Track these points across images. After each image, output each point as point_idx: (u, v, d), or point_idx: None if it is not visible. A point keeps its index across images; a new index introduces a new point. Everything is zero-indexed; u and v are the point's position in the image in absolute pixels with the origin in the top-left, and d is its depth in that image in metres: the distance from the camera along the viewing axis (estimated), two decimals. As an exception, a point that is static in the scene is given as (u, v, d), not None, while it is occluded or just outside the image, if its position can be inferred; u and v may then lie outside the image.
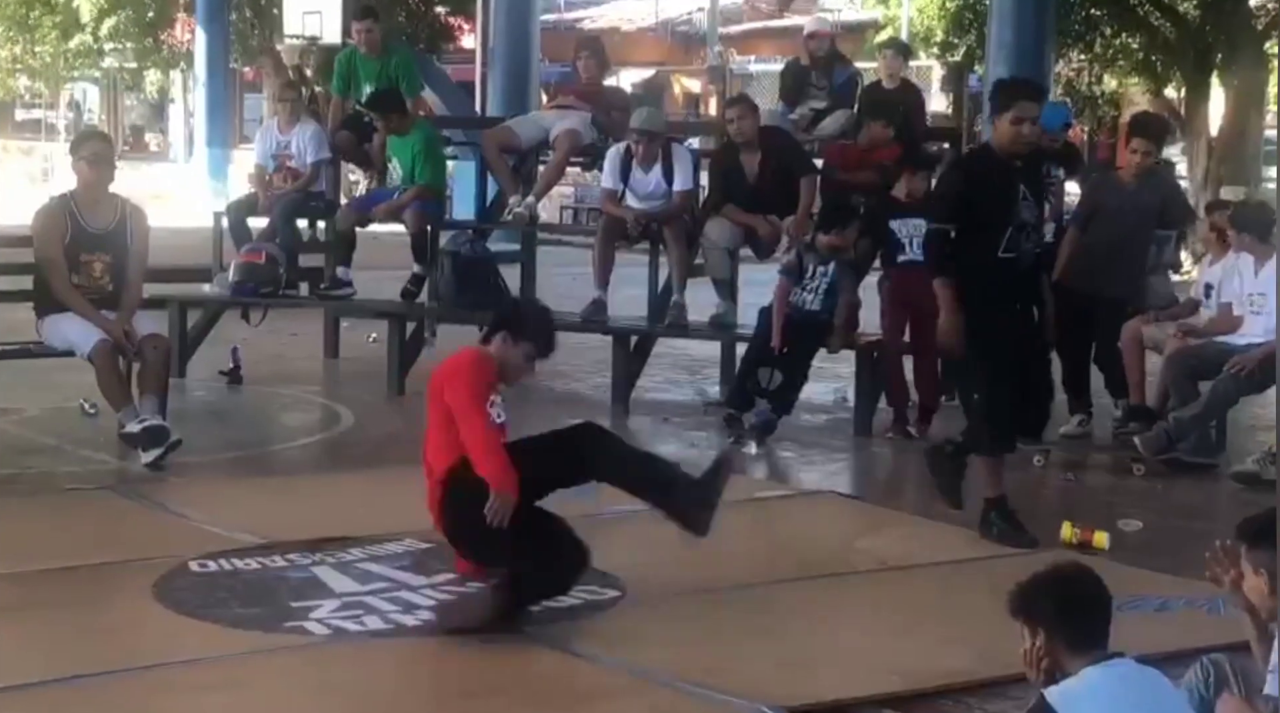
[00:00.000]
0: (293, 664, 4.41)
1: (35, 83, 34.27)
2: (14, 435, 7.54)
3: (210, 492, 6.50)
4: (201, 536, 5.65)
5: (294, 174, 9.77)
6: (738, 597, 5.15)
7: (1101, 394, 8.16)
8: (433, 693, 4.27)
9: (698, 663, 4.40)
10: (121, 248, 7.03)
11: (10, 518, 5.95)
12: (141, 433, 6.73)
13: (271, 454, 7.57)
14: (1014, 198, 5.80)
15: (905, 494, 7.37)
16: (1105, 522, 6.12)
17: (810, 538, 6.13)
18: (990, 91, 6.40)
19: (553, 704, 4.17)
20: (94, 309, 6.91)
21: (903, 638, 4.76)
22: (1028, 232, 5.87)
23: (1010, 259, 5.83)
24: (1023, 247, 5.84)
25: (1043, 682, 3.14)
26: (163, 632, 4.66)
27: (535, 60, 20.25)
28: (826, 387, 9.07)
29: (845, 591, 5.35)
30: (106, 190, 7.04)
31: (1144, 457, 7.28)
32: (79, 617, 4.79)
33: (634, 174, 8.70)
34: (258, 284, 9.36)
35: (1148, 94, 21.96)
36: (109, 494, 6.38)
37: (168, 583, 5.05)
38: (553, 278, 11.20)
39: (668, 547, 5.09)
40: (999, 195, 5.79)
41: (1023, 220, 5.84)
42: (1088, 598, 3.22)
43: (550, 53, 22.96)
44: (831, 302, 7.86)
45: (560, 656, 4.47)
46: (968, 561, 5.68)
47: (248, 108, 32.71)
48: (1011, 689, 4.10)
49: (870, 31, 25.56)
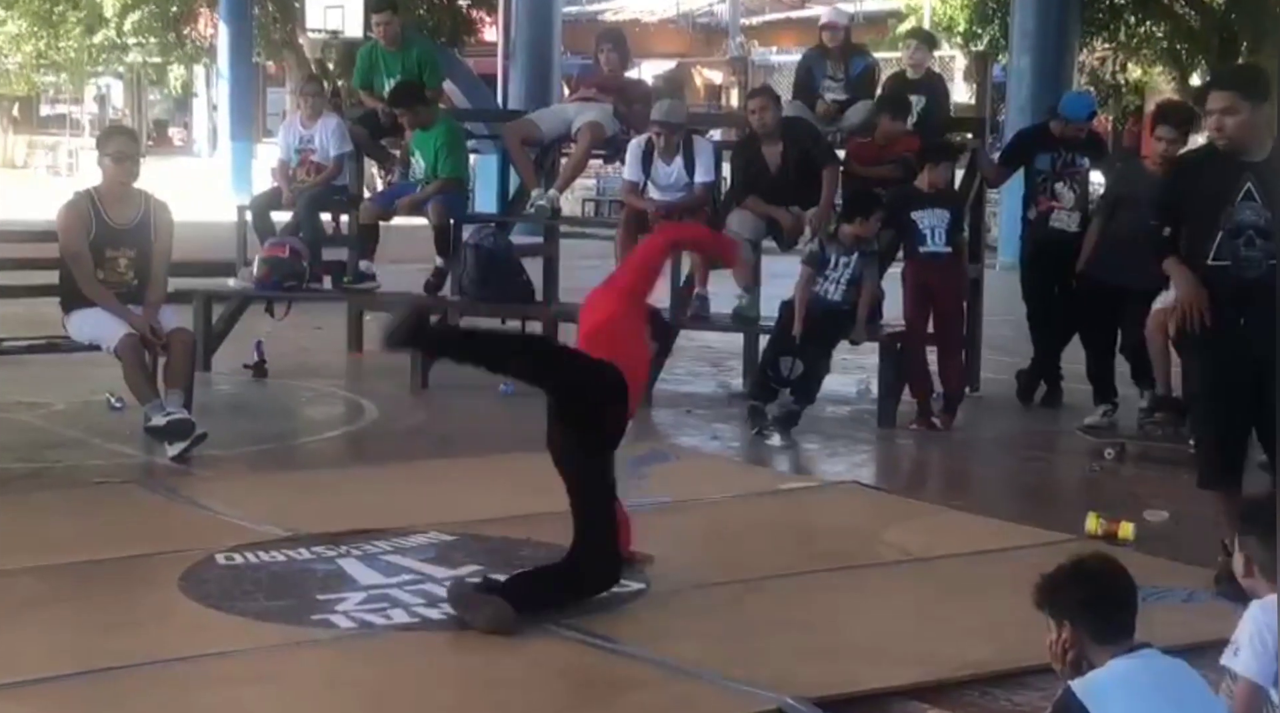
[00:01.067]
0: (319, 657, 4.42)
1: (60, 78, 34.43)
2: (41, 429, 7.58)
3: (235, 485, 6.53)
4: (227, 529, 5.68)
5: (317, 168, 9.80)
6: (762, 588, 5.15)
7: (1127, 384, 8.13)
8: (459, 685, 4.28)
9: (722, 654, 4.40)
10: (145, 243, 7.06)
11: (37, 512, 5.99)
12: (167, 427, 6.77)
13: (296, 448, 7.60)
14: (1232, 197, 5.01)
15: (929, 485, 7.36)
16: (1131, 513, 6.10)
17: (834, 529, 6.12)
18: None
19: (577, 696, 4.17)
20: (120, 303, 6.95)
21: (927, 629, 4.75)
22: (1251, 237, 5.04)
23: (1221, 267, 5.06)
24: (1242, 254, 5.03)
25: (1069, 673, 3.13)
26: (189, 625, 4.68)
27: (557, 53, 20.28)
28: (850, 378, 9.06)
29: (869, 582, 5.34)
30: (131, 186, 7.07)
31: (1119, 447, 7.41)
32: (106, 610, 4.81)
33: (655, 166, 8.70)
34: (281, 278, 9.39)
35: (1172, 82, 21.85)
36: (135, 488, 6.40)
37: (194, 576, 5.07)
38: (575, 270, 11.20)
39: (692, 538, 5.10)
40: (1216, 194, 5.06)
41: (1237, 223, 5.02)
42: (1113, 589, 3.21)
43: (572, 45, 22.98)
44: (854, 293, 7.86)
45: (585, 647, 4.48)
46: (992, 552, 5.66)
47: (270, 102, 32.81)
48: (1037, 680, 4.10)
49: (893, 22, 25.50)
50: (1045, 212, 8.58)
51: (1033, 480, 7.29)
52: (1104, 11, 19.80)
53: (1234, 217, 5.05)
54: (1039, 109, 14.47)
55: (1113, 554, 3.63)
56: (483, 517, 5.83)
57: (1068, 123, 8.66)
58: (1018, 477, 7.35)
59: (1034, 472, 7.46)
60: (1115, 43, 21.00)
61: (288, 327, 9.91)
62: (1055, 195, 8.59)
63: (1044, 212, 8.59)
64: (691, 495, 6.32)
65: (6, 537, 5.53)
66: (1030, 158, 8.74)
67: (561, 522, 4.79)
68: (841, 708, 4.05)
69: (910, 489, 6.99)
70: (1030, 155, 8.76)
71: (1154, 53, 21.20)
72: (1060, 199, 8.57)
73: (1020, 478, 7.32)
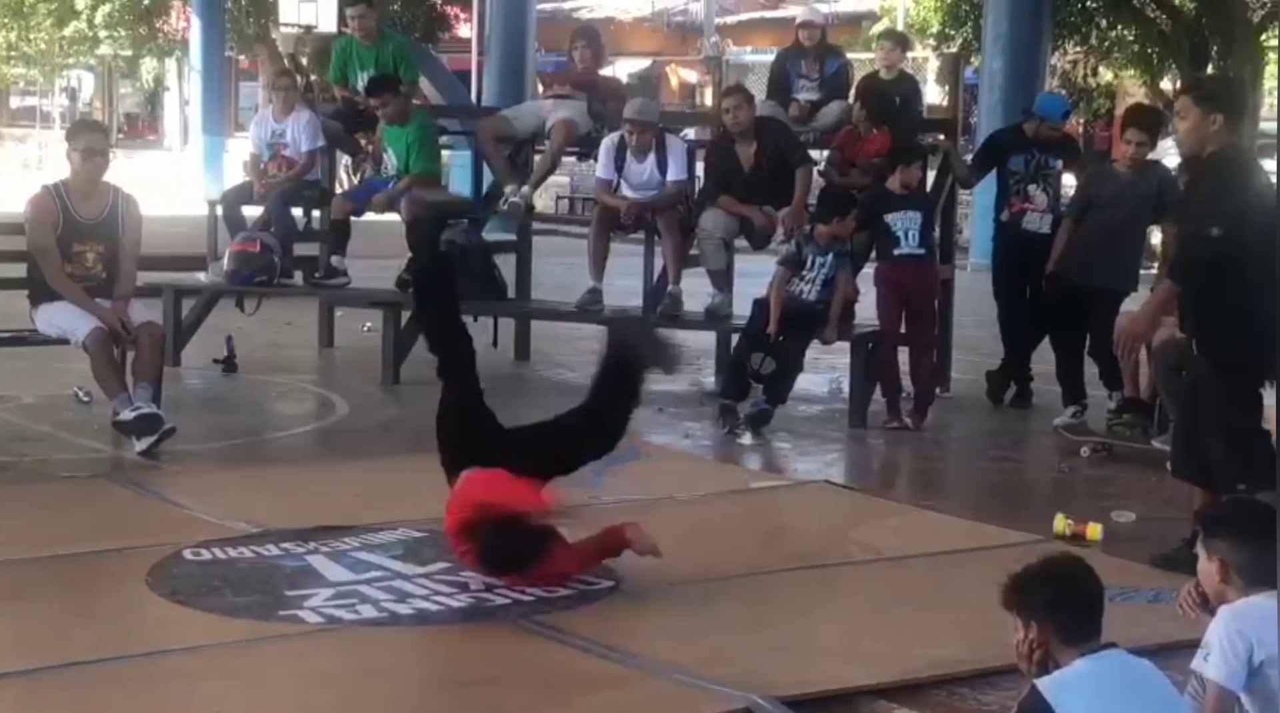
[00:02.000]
0: (287, 653, 4.41)
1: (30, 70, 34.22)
2: (8, 423, 7.54)
3: (204, 480, 6.50)
4: (196, 524, 5.65)
5: (289, 163, 9.76)
6: (733, 587, 5.16)
7: (1095, 385, 8.17)
8: (427, 682, 4.28)
9: (691, 653, 4.40)
10: (113, 237, 7.02)
11: (4, 506, 5.94)
12: (135, 421, 6.73)
13: (266, 443, 7.57)
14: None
15: (899, 485, 7.39)
16: (1098, 514, 6.13)
17: (805, 528, 6.14)
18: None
19: (548, 694, 4.17)
20: (88, 297, 6.91)
21: (897, 628, 4.77)
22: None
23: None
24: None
25: (1035, 673, 3.15)
26: (157, 620, 4.67)
27: (531, 49, 20.25)
28: (821, 377, 9.08)
29: (839, 581, 5.36)
30: (99, 181, 7.03)
31: (1105, 446, 7.46)
32: (73, 605, 4.79)
33: (628, 164, 8.70)
34: (252, 272, 9.35)
35: (1143, 86, 21.98)
36: (103, 482, 6.37)
37: (162, 571, 5.05)
38: (548, 268, 11.19)
39: (663, 536, 5.09)
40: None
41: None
42: (1080, 590, 3.23)
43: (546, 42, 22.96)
44: (828, 292, 7.87)
45: (555, 645, 4.48)
46: (960, 551, 5.69)
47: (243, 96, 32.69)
48: (1004, 679, 4.11)
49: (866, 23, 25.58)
50: (1018, 213, 8.62)
51: (1001, 481, 7.31)
52: (1076, 15, 19.90)
53: None
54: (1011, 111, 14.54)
55: (1080, 555, 3.66)
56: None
57: (1042, 122, 8.69)
58: (987, 477, 7.38)
59: (1003, 472, 7.49)
60: (1087, 46, 21.12)
61: (258, 322, 9.87)
62: (1028, 197, 8.63)
63: (1016, 213, 8.62)
64: (662, 494, 6.32)
65: (-28, 531, 5.50)
66: (1004, 159, 8.77)
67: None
68: (810, 707, 4.06)
69: (880, 489, 7.01)
70: (1004, 156, 8.79)
71: (1125, 56, 21.32)
72: (1033, 200, 8.61)
73: (989, 478, 7.35)
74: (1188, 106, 5.32)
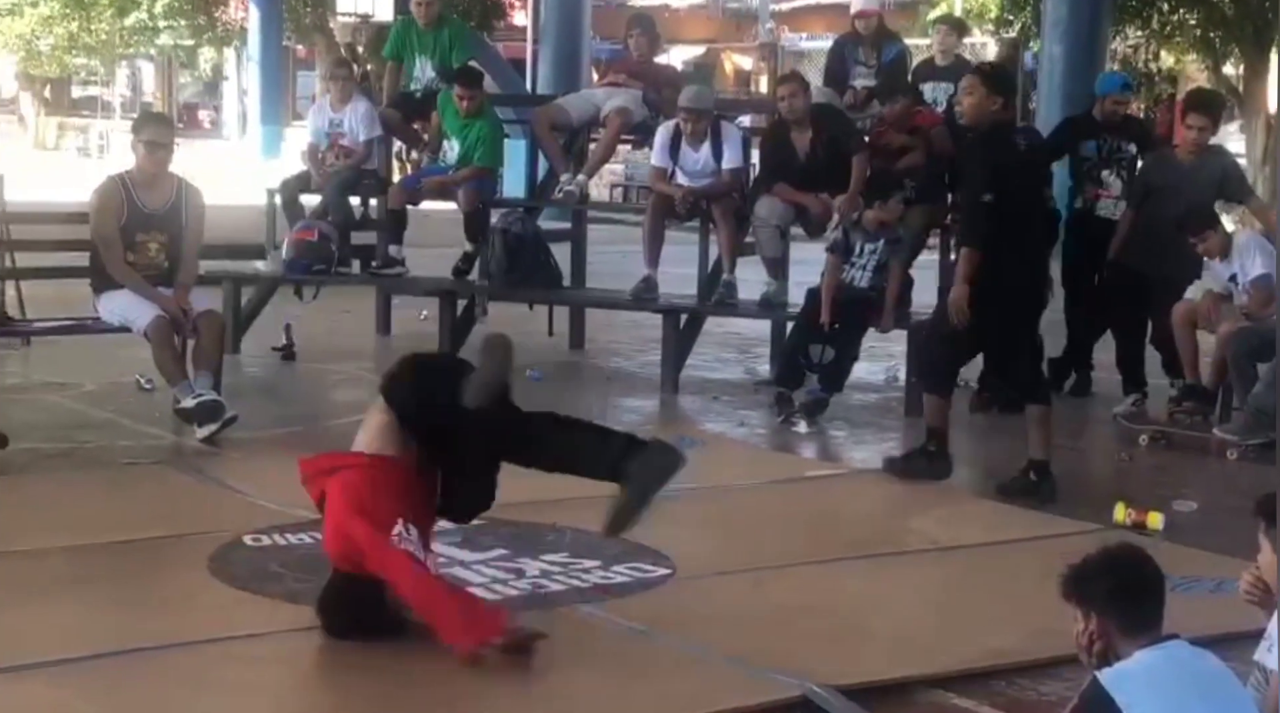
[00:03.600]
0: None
1: (91, 60, 34.59)
2: (71, 410, 7.63)
3: (263, 466, 6.54)
4: (255, 510, 5.70)
5: (346, 152, 9.81)
6: (788, 575, 5.15)
7: (1157, 374, 8.09)
8: (485, 667, 4.29)
9: (748, 641, 4.40)
10: (176, 227, 7.08)
11: (67, 492, 6.03)
12: (197, 409, 6.80)
13: (324, 430, 7.61)
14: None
15: (957, 474, 7.34)
16: (1159, 502, 6.08)
17: (860, 517, 6.12)
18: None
19: (604, 680, 4.18)
20: (149, 286, 6.98)
21: (954, 618, 4.75)
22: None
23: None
24: None
25: (1096, 664, 3.12)
26: (218, 605, 4.71)
27: (586, 38, 20.25)
28: (878, 366, 9.04)
29: (895, 570, 5.34)
30: (163, 173, 7.10)
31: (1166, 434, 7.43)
32: (136, 590, 4.85)
33: (683, 152, 8.68)
34: (310, 261, 9.42)
35: (1205, 70, 21.71)
36: (164, 469, 6.44)
37: (222, 557, 5.10)
38: (603, 256, 11.20)
39: (718, 525, 5.10)
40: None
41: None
42: (1141, 580, 3.19)
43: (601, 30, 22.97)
44: (881, 279, 7.83)
45: (611, 632, 4.48)
46: (1018, 541, 5.65)
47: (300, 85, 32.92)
48: (1064, 671, 4.09)
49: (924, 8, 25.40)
50: (1092, 199, 8.51)
51: (1061, 469, 7.24)
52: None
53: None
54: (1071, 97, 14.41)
55: (1140, 544, 3.63)
56: (509, 501, 5.82)
57: (1104, 99, 8.60)
58: (1045, 466, 7.31)
59: (1062, 460, 7.41)
60: (1148, 30, 20.87)
61: (316, 310, 9.94)
62: (1102, 183, 8.53)
63: (1091, 199, 8.52)
64: (717, 482, 6.32)
65: (37, 517, 5.58)
66: (1076, 145, 8.66)
67: (587, 506, 4.79)
68: (866, 697, 4.05)
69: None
70: (1076, 142, 8.68)
71: (1187, 40, 21.06)
72: (1107, 187, 8.51)
73: (1048, 467, 7.28)
74: (976, 86, 6.34)
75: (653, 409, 8.28)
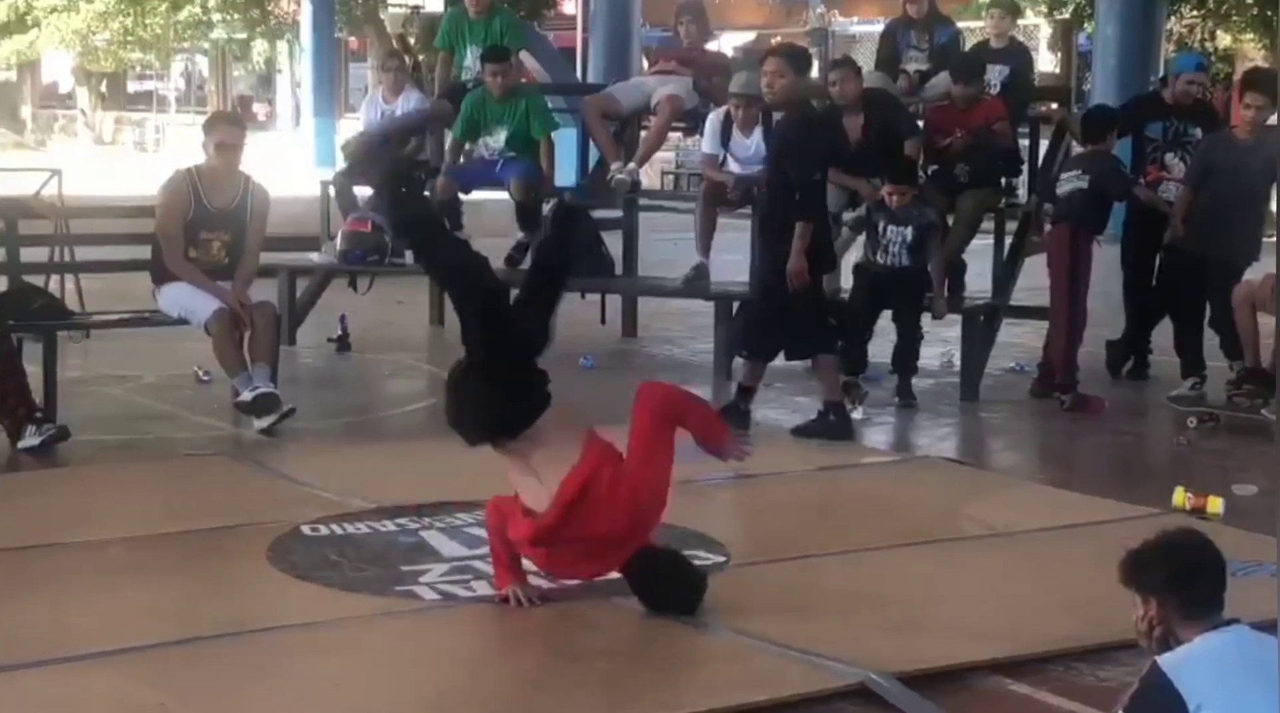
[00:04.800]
0: (405, 628, 4.47)
1: (146, 55, 34.89)
2: (132, 402, 7.71)
3: (321, 457, 6.60)
4: (313, 500, 5.75)
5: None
6: (843, 562, 5.14)
7: (1216, 356, 8.01)
8: (542, 656, 4.31)
9: (805, 628, 4.39)
10: (240, 226, 7.13)
11: (129, 483, 6.10)
12: (255, 401, 6.86)
13: (379, 420, 7.67)
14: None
15: (1012, 459, 7.30)
16: (1219, 487, 6.02)
17: (916, 503, 6.09)
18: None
19: (659, 669, 4.19)
20: (208, 279, 7.04)
21: (1012, 604, 4.73)
22: None
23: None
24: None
25: (1156, 650, 3.10)
26: (277, 595, 4.75)
27: (636, 25, 20.24)
28: (933, 351, 8.99)
29: (952, 556, 5.32)
30: (233, 171, 7.15)
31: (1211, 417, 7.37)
32: (195, 580, 4.90)
33: (734, 139, 8.66)
34: (365, 252, 9.46)
35: (1263, 50, 21.43)
36: (223, 460, 6.50)
37: (281, 547, 5.15)
38: (654, 244, 11.20)
39: (772, 512, 5.10)
40: None
41: None
42: (1200, 565, 3.17)
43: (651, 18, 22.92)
44: (920, 259, 7.78)
45: (666, 621, 4.49)
46: (1076, 526, 5.61)
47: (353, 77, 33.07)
48: (1122, 655, 4.06)
49: (975, -10, 25.19)
50: (1154, 182, 8.39)
51: (1119, 454, 7.21)
52: (1192, -22, 19.48)
53: None
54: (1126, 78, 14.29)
55: (1200, 529, 3.60)
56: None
57: (1177, 77, 8.50)
58: (1103, 450, 7.27)
59: (1120, 445, 7.38)
60: (1204, 9, 20.64)
61: (370, 301, 9.99)
62: (1165, 165, 8.43)
63: (1153, 182, 8.40)
64: (771, 469, 6.30)
65: (98, 508, 5.65)
66: (1141, 126, 8.55)
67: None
68: (923, 683, 4.04)
69: (993, 463, 6.94)
70: (1141, 123, 8.57)
71: (1244, 19, 20.81)
72: (1170, 169, 8.41)
73: (1106, 451, 7.24)
74: (784, 67, 6.93)
75: (706, 397, 8.27)
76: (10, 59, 35.01)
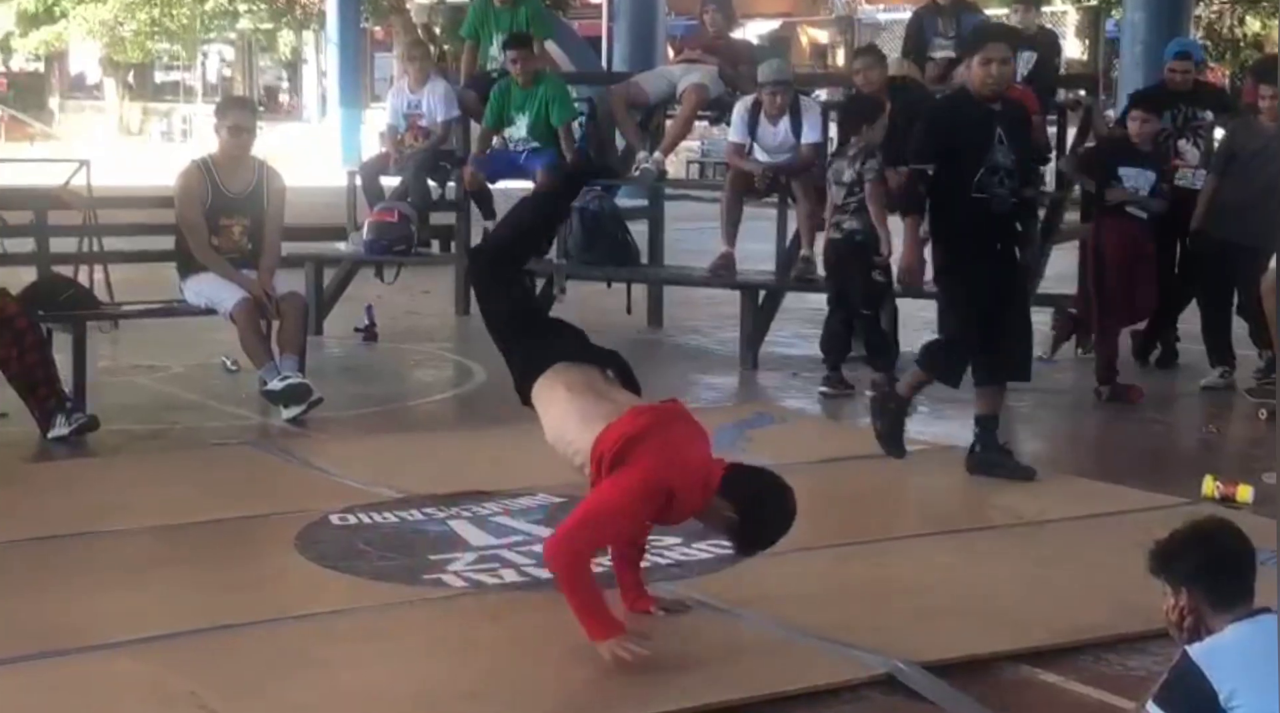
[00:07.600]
0: (433, 616, 4.49)
1: (173, 46, 35.03)
2: (159, 392, 7.75)
3: (348, 446, 6.63)
4: (340, 489, 5.77)
5: (425, 133, 9.87)
6: (871, 552, 5.13)
7: (1245, 344, 7.97)
8: (570, 645, 4.32)
9: (831, 618, 4.39)
10: (259, 210, 7.17)
11: (157, 472, 6.13)
12: (283, 391, 6.89)
13: (406, 410, 7.69)
14: (987, 140, 5.95)
15: (1040, 448, 7.28)
16: (1249, 475, 5.99)
17: (943, 492, 6.08)
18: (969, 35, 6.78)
19: (688, 656, 4.19)
20: (234, 269, 7.07)
21: (1040, 593, 4.71)
22: (1001, 176, 5.95)
23: (981, 200, 5.94)
24: (995, 190, 5.95)
25: (1186, 639, 3.09)
26: (305, 584, 4.77)
27: (661, 14, 20.19)
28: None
29: (979, 545, 5.30)
30: (245, 156, 7.18)
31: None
32: (224, 569, 4.92)
33: (761, 127, 8.65)
34: (391, 242, 9.50)
35: (1292, 35, 21.28)
36: (251, 449, 6.53)
37: (309, 536, 5.17)
38: (680, 233, 11.20)
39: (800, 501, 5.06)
40: (973, 137, 5.97)
41: (995, 163, 5.94)
42: (1230, 554, 3.15)
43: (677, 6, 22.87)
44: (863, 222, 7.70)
45: (695, 608, 4.49)
46: (1105, 515, 5.60)
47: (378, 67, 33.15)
48: (1152, 645, 4.05)
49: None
50: (1170, 171, 8.36)
51: (1147, 443, 7.17)
52: (1221, -37, 19.35)
53: (992, 157, 5.93)
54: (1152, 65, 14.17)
55: (1230, 518, 3.58)
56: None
57: (1172, 63, 8.48)
58: (1131, 439, 7.25)
59: (1149, 434, 7.35)
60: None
61: (397, 290, 10.02)
62: (1179, 153, 8.39)
63: (1169, 171, 8.37)
64: (797, 459, 6.29)
65: (127, 497, 5.68)
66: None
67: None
68: (951, 672, 4.03)
69: (1021, 452, 6.91)
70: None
71: (1273, 5, 20.66)
72: (1183, 156, 8.37)
73: (1134, 440, 7.21)
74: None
75: (732, 386, 8.28)
76: (38, 50, 35.18)
